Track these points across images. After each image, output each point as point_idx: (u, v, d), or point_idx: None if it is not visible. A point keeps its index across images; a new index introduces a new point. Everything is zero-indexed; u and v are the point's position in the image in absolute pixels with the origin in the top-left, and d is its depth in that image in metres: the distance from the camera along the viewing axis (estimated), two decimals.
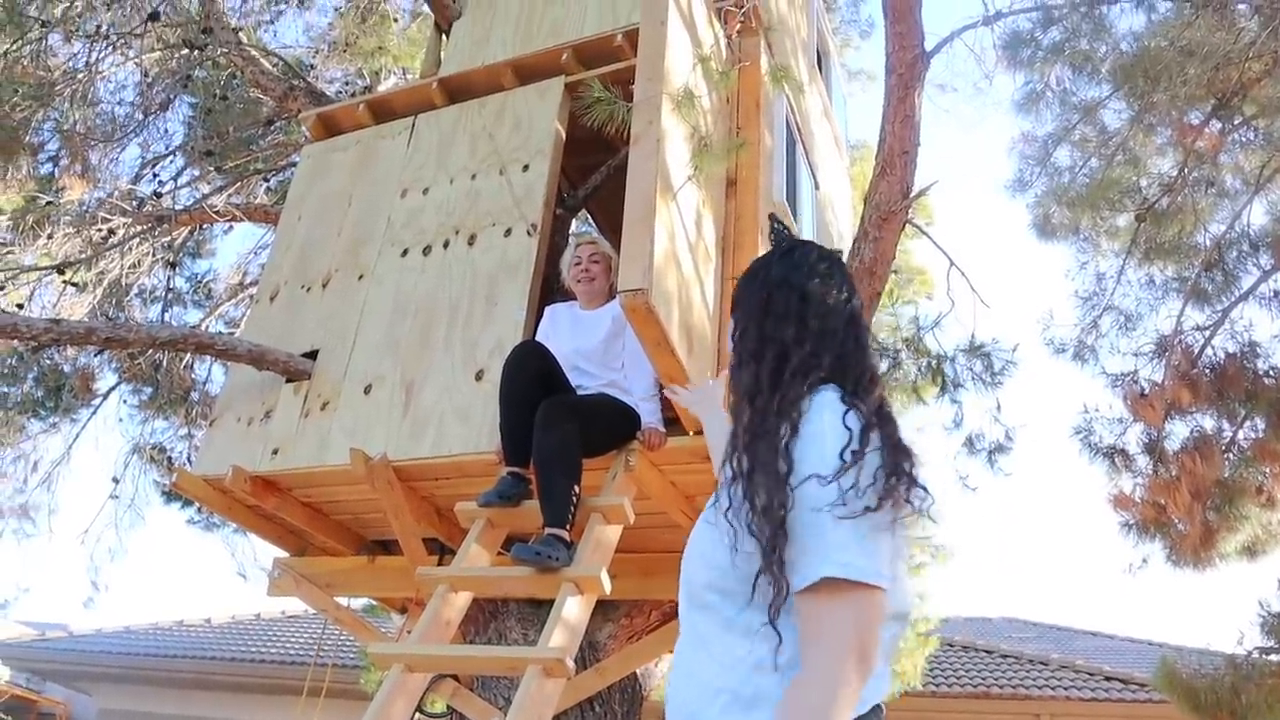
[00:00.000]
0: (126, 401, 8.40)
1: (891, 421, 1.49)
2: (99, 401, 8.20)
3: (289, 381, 4.53)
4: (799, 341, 1.59)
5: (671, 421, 3.76)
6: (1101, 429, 6.41)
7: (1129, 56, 6.06)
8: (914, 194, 4.65)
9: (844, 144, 7.24)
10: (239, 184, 8.12)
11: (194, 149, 7.86)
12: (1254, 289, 6.20)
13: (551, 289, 4.50)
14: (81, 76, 7.21)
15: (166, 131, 8.16)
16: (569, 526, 3.31)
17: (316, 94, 6.94)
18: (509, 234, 4.37)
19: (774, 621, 1.36)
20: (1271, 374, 5.97)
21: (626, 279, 3.31)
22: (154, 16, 6.65)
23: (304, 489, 4.46)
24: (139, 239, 7.44)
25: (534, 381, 3.59)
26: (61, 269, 7.08)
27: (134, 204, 7.51)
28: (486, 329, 4.15)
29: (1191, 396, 5.89)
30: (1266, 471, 5.83)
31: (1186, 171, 6.25)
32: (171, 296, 8.51)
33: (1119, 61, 6.16)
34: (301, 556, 5.00)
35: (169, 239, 7.89)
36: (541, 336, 3.99)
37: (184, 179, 8.13)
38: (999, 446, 6.36)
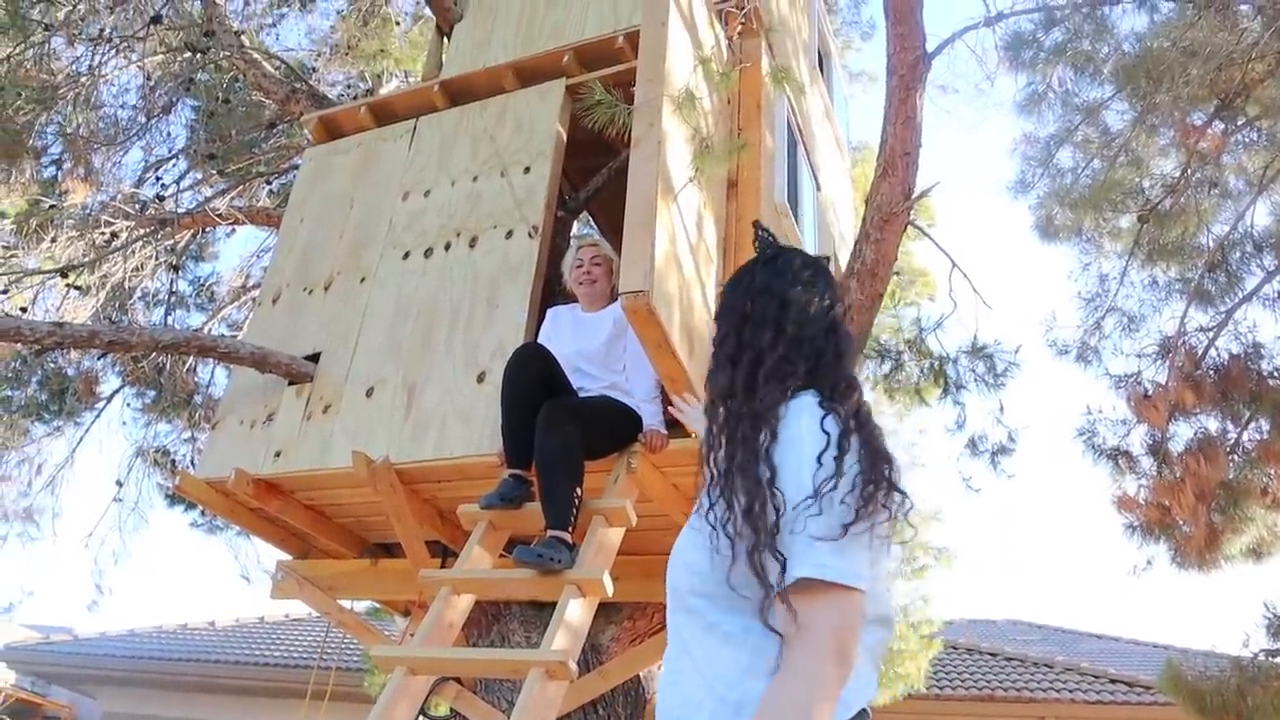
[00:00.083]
0: (130, 405, 8.43)
1: (870, 426, 1.50)
2: (102, 405, 8.21)
3: (291, 384, 4.54)
4: (775, 347, 1.61)
5: (673, 424, 3.75)
6: (1105, 431, 6.39)
7: (1131, 57, 6.05)
8: (916, 195, 4.64)
9: (845, 145, 7.24)
10: (241, 187, 8.12)
11: (196, 152, 7.87)
12: (1258, 290, 6.19)
13: (553, 291, 4.49)
14: (84, 80, 7.22)
15: (169, 135, 8.19)
16: (571, 529, 3.30)
17: (318, 97, 6.94)
18: (510, 236, 4.37)
19: (767, 623, 1.37)
20: (1276, 375, 5.95)
21: (627, 281, 3.31)
22: (156, 20, 6.67)
23: (306, 491, 4.46)
24: (142, 242, 7.45)
25: (536, 383, 3.58)
26: (65, 272, 7.09)
27: (137, 207, 7.52)
28: (488, 331, 4.15)
29: (1195, 398, 5.87)
30: (1271, 473, 5.81)
31: (1189, 172, 6.23)
32: (174, 299, 8.51)
33: (1121, 62, 6.15)
34: (304, 559, 5.00)
35: (172, 242, 7.90)
36: (543, 339, 3.98)
37: (186, 182, 8.15)
38: (1002, 448, 6.35)
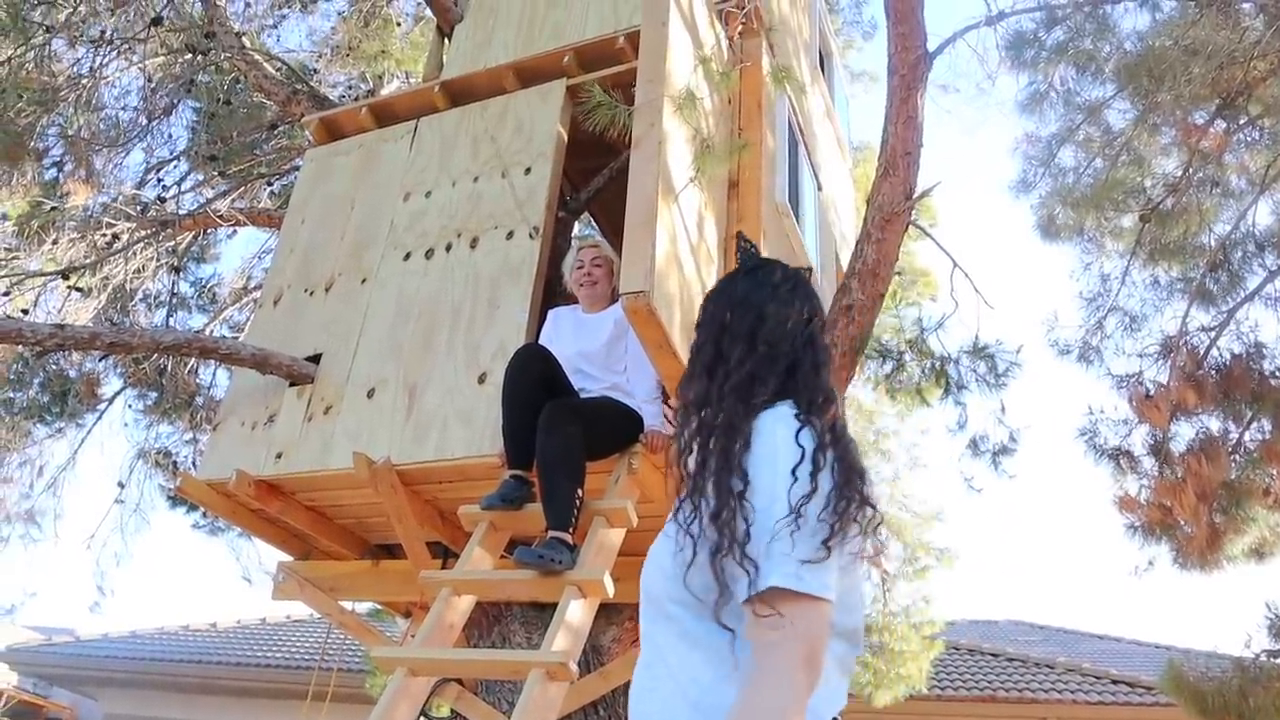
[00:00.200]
0: (131, 406, 8.43)
1: (844, 441, 1.52)
2: (104, 406, 8.21)
3: (292, 385, 4.54)
4: (751, 359, 1.63)
5: None
6: (1106, 431, 6.38)
7: (1133, 56, 6.04)
8: (917, 195, 4.64)
9: (847, 145, 7.23)
10: (242, 188, 8.13)
11: (198, 153, 7.87)
12: (1260, 289, 6.17)
13: (554, 292, 4.49)
14: (85, 82, 7.22)
15: (170, 136, 8.19)
16: (572, 529, 3.30)
17: (319, 98, 6.94)
18: (511, 237, 4.37)
19: (720, 621, 1.41)
20: (1278, 375, 5.94)
21: (628, 281, 3.31)
22: (157, 21, 6.67)
23: (307, 493, 4.46)
24: (143, 244, 7.45)
25: (537, 384, 3.58)
26: (66, 274, 7.10)
27: (138, 209, 7.53)
28: (489, 332, 4.15)
29: (1197, 398, 5.86)
30: (1273, 473, 5.80)
31: (1191, 171, 6.22)
32: (176, 301, 8.51)
33: (1123, 61, 6.14)
34: (305, 560, 5.00)
35: (173, 243, 7.90)
36: (544, 339, 3.98)
37: (188, 183, 8.15)
38: (1003, 448, 6.33)
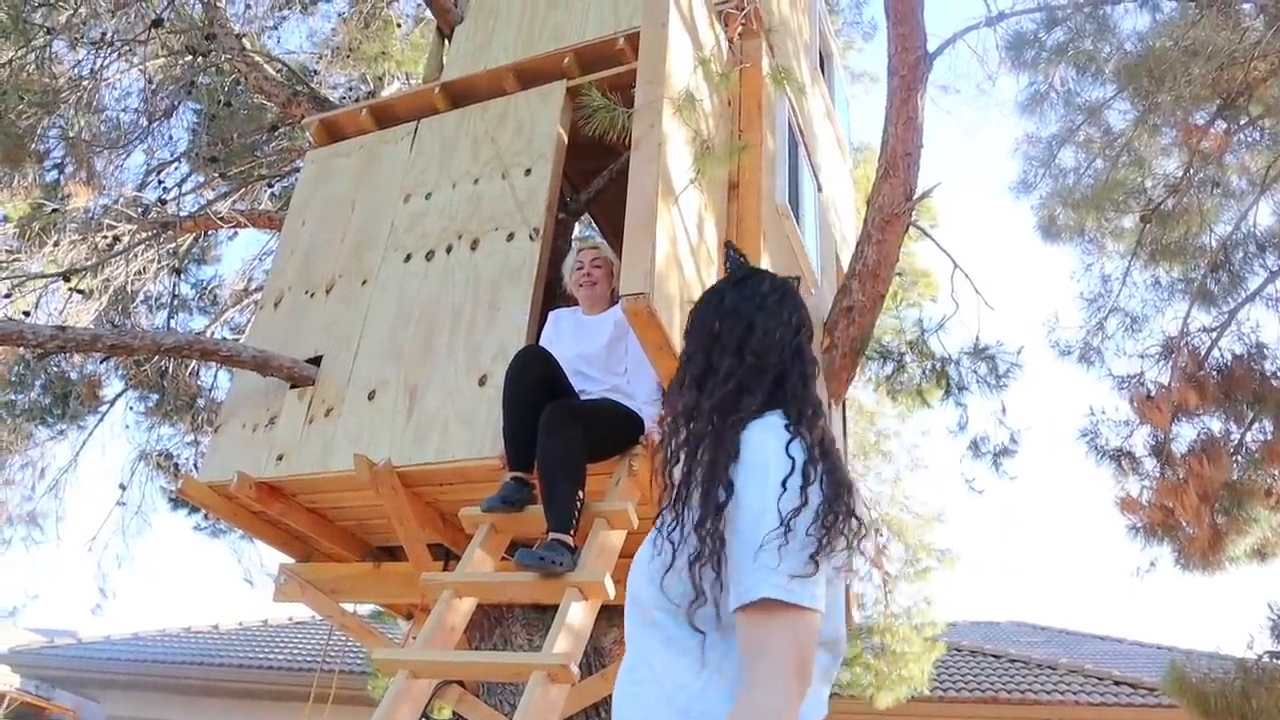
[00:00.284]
0: (133, 408, 8.44)
1: (832, 455, 1.53)
2: (105, 408, 8.22)
3: (293, 387, 4.53)
4: (739, 370, 1.64)
5: None
6: (1108, 431, 6.38)
7: (1133, 57, 6.04)
8: (917, 196, 4.64)
9: (847, 146, 7.23)
10: (243, 190, 8.14)
11: (198, 155, 7.88)
12: (1261, 290, 6.17)
13: (554, 293, 4.49)
14: (86, 83, 7.23)
15: (171, 138, 8.20)
16: (573, 531, 3.29)
17: (320, 99, 6.95)
18: (511, 238, 4.37)
19: (692, 624, 1.44)
20: (1279, 375, 5.94)
21: (628, 283, 3.30)
22: (158, 23, 6.68)
23: (309, 495, 4.46)
24: (144, 245, 7.46)
25: (537, 386, 3.58)
26: (67, 276, 7.10)
27: (139, 210, 7.54)
28: (489, 334, 4.15)
29: (1198, 398, 5.86)
30: (1275, 474, 5.79)
31: (1192, 172, 6.22)
32: (177, 303, 8.52)
33: (1123, 62, 6.14)
34: (307, 562, 4.99)
35: (174, 245, 7.91)
36: (544, 341, 3.98)
37: (189, 185, 8.16)
38: (1004, 450, 6.33)
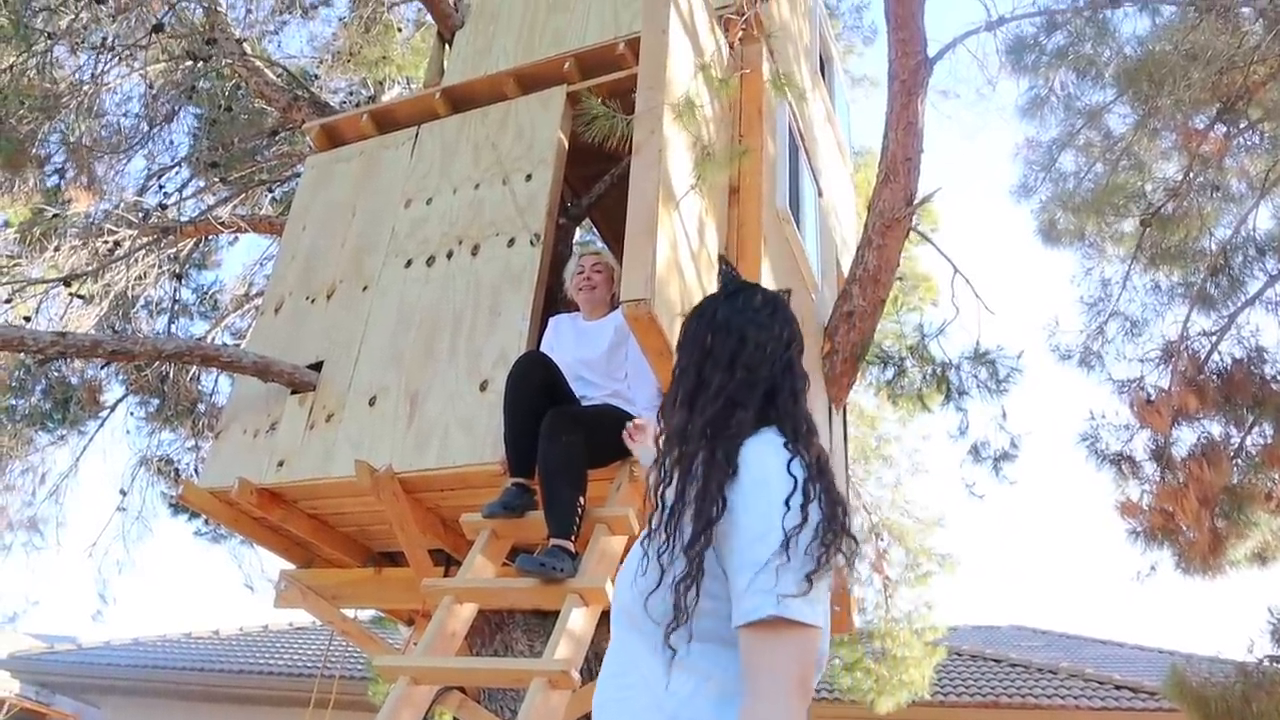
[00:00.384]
0: (133, 413, 8.43)
1: (829, 473, 1.55)
2: (106, 414, 8.21)
3: (294, 393, 4.53)
4: (731, 386, 1.64)
5: None
6: (1108, 436, 6.38)
7: (1133, 61, 6.05)
8: (917, 201, 4.65)
9: (847, 150, 7.23)
10: (244, 195, 8.14)
11: (199, 160, 7.88)
12: (1260, 294, 6.18)
13: (555, 299, 4.49)
14: (87, 88, 7.23)
15: (172, 143, 8.20)
16: (574, 537, 3.29)
17: (320, 104, 6.95)
18: (512, 244, 4.37)
19: (668, 645, 1.46)
20: (1279, 379, 5.94)
21: (629, 288, 3.30)
22: (159, 28, 6.68)
23: (309, 501, 4.46)
24: (145, 251, 7.45)
25: (538, 392, 3.58)
26: (68, 281, 7.10)
27: (140, 216, 7.53)
28: (490, 339, 4.15)
29: (1198, 402, 5.87)
30: (1275, 477, 5.80)
31: (1191, 176, 6.23)
32: (177, 308, 8.52)
33: (1123, 66, 6.15)
34: (308, 568, 4.99)
35: (175, 250, 7.90)
36: (545, 347, 3.98)
37: (189, 190, 8.16)
38: (1004, 454, 6.35)
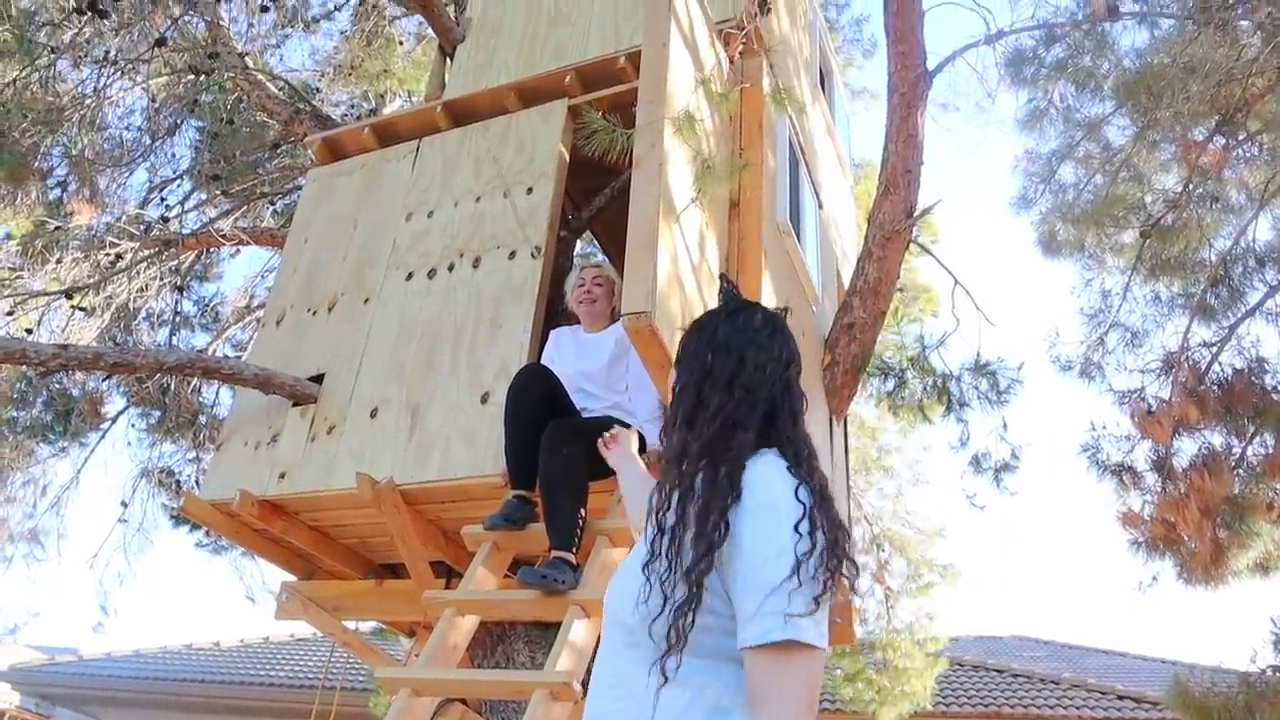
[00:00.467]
0: (135, 425, 8.43)
1: (830, 499, 1.56)
2: (107, 425, 8.23)
3: (295, 405, 4.54)
4: (729, 406, 1.64)
5: None
6: (1109, 446, 6.38)
7: (1132, 73, 6.08)
8: (918, 213, 4.66)
9: (848, 162, 7.25)
10: (245, 207, 8.17)
11: (201, 173, 7.90)
12: (1260, 304, 6.19)
13: (556, 311, 4.50)
14: (90, 102, 7.25)
15: (174, 156, 8.22)
16: (575, 549, 3.29)
17: (322, 117, 6.98)
18: (513, 256, 4.39)
19: (664, 673, 1.46)
20: (1279, 390, 5.94)
21: (630, 301, 3.30)
22: (161, 42, 6.70)
23: (311, 513, 4.46)
24: (147, 263, 7.47)
25: (539, 404, 3.58)
26: (70, 293, 7.12)
27: (142, 228, 7.55)
28: (491, 351, 4.16)
29: (1199, 413, 5.87)
30: (1277, 487, 5.79)
31: (1191, 187, 6.25)
32: (179, 320, 8.53)
33: (1122, 78, 6.18)
34: (309, 580, 4.99)
35: (176, 263, 7.93)
36: (546, 359, 3.98)
37: (191, 203, 8.18)
38: (1005, 465, 6.34)
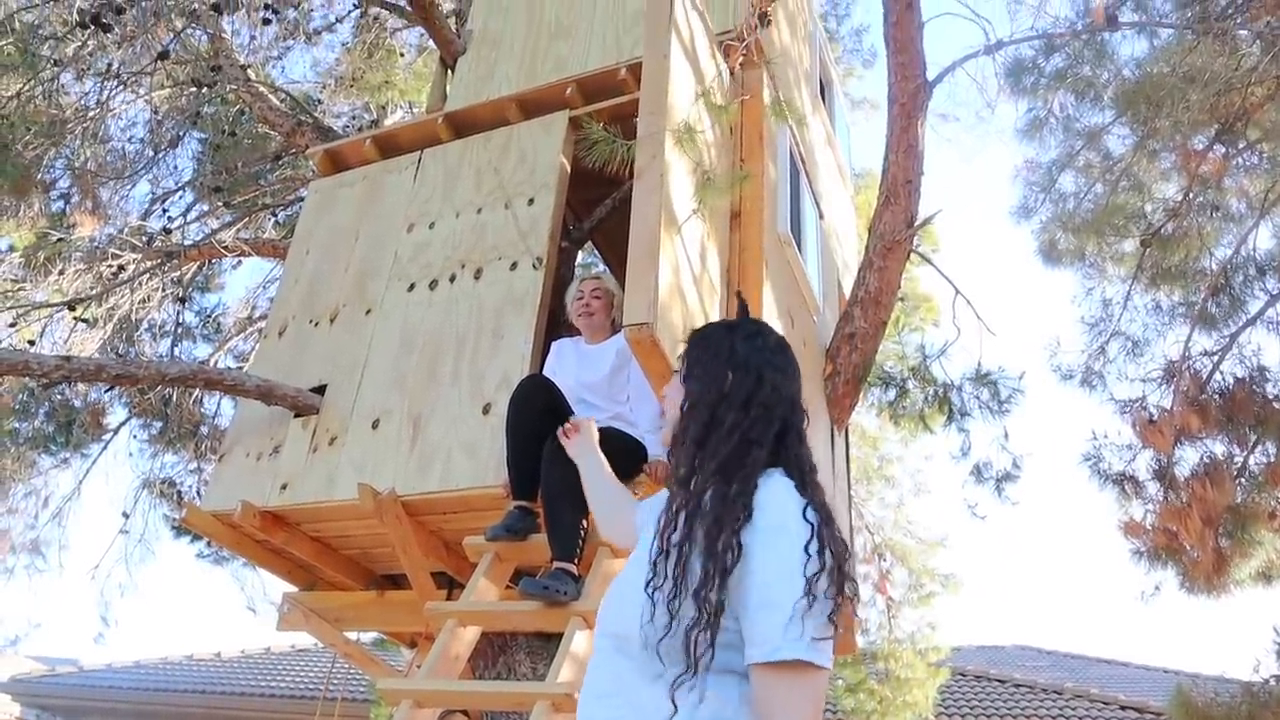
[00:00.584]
0: (136, 436, 8.44)
1: (833, 517, 1.58)
2: (109, 436, 8.23)
3: (297, 416, 4.55)
4: (744, 424, 1.65)
5: None
6: (1110, 456, 6.39)
7: (1131, 83, 6.10)
8: (918, 223, 4.67)
9: (848, 172, 7.27)
10: (247, 219, 8.18)
11: (203, 184, 7.93)
12: (1261, 313, 6.20)
13: (557, 322, 4.51)
14: (93, 114, 7.27)
15: (176, 168, 8.26)
16: (577, 560, 3.30)
17: (323, 129, 7.00)
18: (515, 267, 4.40)
19: (673, 699, 1.46)
20: None
21: (632, 312, 3.31)
22: (164, 55, 6.72)
23: (312, 524, 4.46)
24: (149, 274, 7.49)
25: (540, 415, 3.58)
26: (72, 305, 7.13)
27: (144, 240, 7.57)
28: (493, 362, 4.16)
29: (1201, 422, 5.87)
30: (1278, 496, 5.80)
31: (1191, 196, 6.26)
32: (181, 331, 8.55)
33: (1122, 88, 6.20)
34: (310, 591, 4.99)
35: (178, 274, 7.95)
36: (548, 370, 3.99)
37: (193, 214, 8.20)
38: (1007, 475, 6.35)
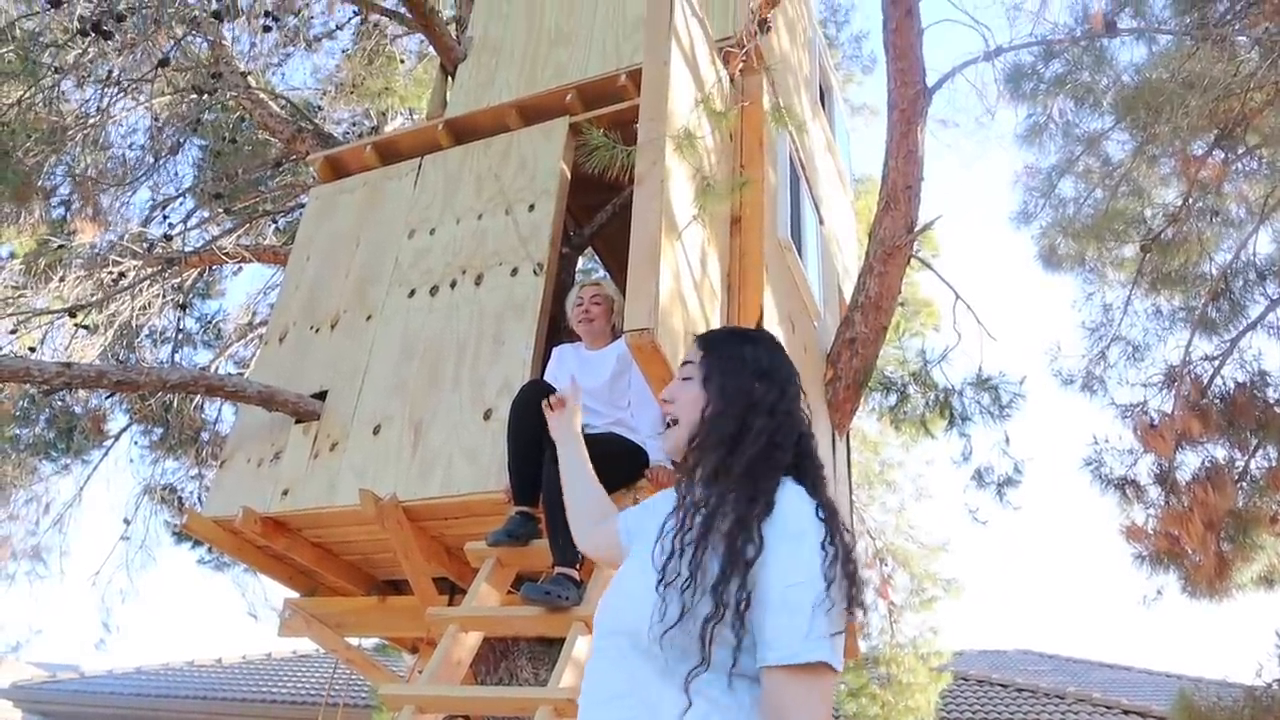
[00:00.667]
0: (137, 442, 8.45)
1: (841, 521, 1.59)
2: (110, 443, 8.23)
3: (298, 422, 4.55)
4: (770, 428, 1.67)
5: None
6: (1112, 460, 6.40)
7: (1131, 88, 6.11)
8: (918, 229, 4.68)
9: (848, 178, 7.28)
10: (248, 225, 8.19)
11: (203, 191, 7.94)
12: (1262, 318, 6.20)
13: (558, 328, 4.51)
14: (93, 121, 7.29)
15: (176, 174, 8.27)
16: (579, 565, 3.30)
17: (324, 135, 7.01)
18: (515, 273, 4.40)
19: (688, 689, 1.47)
20: None
21: (633, 318, 3.31)
22: (164, 62, 6.74)
23: (314, 529, 4.47)
24: (149, 281, 7.49)
25: (541, 420, 3.58)
26: (73, 312, 7.14)
27: (144, 246, 7.58)
28: (494, 368, 4.17)
29: (1202, 426, 5.87)
30: None
31: (1191, 201, 6.27)
32: (181, 337, 8.56)
33: (1121, 93, 6.21)
34: (312, 597, 4.99)
35: (179, 280, 7.95)
36: (549, 376, 3.99)
37: (194, 221, 8.21)
38: (1008, 479, 6.34)
